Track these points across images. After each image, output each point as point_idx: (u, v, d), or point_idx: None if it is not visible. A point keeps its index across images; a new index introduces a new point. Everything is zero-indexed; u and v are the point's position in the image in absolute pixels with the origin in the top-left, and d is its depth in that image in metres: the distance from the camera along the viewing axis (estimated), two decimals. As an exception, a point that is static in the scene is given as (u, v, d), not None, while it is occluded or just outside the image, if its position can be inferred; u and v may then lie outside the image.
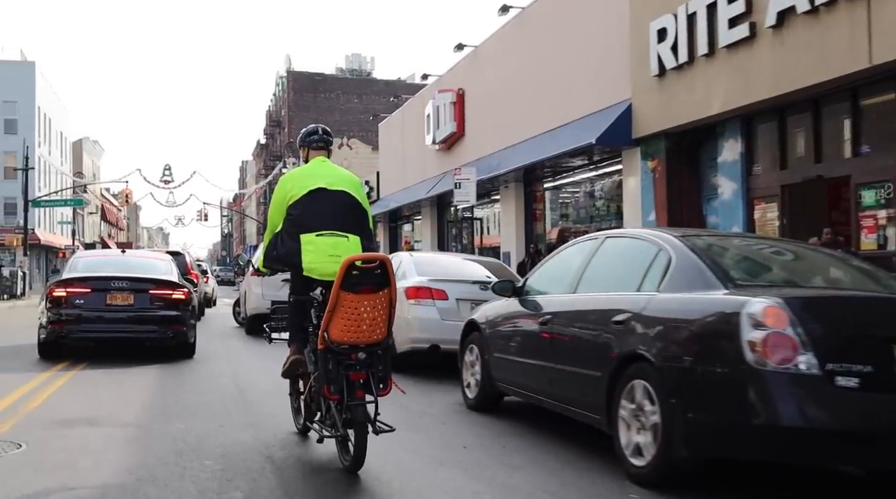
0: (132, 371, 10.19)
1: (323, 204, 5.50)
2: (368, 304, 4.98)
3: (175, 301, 11.20)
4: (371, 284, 4.99)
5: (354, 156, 58.96)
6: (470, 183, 16.52)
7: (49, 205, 46.16)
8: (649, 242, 5.33)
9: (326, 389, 5.07)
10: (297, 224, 5.49)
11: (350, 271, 4.91)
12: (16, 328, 17.83)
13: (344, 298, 4.91)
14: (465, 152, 24.72)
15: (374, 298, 5.01)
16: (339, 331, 4.96)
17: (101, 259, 13.35)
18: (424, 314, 9.59)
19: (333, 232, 5.46)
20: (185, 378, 9.64)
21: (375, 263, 5.00)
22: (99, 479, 4.95)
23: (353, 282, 4.92)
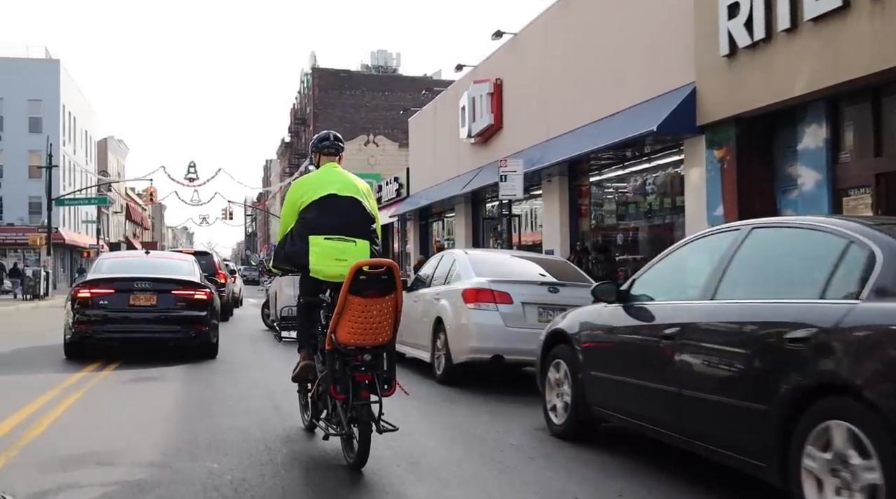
0: (155, 383, 9.36)
1: (333, 209, 5.70)
2: (375, 308, 5.14)
3: (197, 301, 11.29)
4: (378, 289, 5.15)
5: (381, 153, 57.96)
6: (517, 175, 15.33)
7: (73, 203, 45.52)
8: (830, 233, 4.06)
9: (333, 388, 5.24)
10: (308, 227, 5.69)
11: (358, 276, 5.07)
12: (29, 333, 16.91)
13: (351, 301, 5.08)
14: (502, 146, 23.51)
15: (381, 303, 5.17)
16: (346, 333, 5.14)
17: (126, 260, 13.57)
18: (486, 320, 8.46)
19: (342, 237, 5.65)
20: (214, 393, 8.74)
21: (383, 269, 5.17)
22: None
23: (360, 286, 5.08)
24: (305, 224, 5.71)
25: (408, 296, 11.01)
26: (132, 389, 8.98)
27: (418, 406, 7.78)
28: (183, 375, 10.06)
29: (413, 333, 10.31)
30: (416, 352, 10.27)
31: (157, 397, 8.42)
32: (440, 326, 9.09)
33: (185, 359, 11.29)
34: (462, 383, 9.00)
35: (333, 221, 5.69)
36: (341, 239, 5.65)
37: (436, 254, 30.97)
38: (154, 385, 9.27)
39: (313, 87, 71.47)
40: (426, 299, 9.95)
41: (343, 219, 5.72)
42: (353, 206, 5.80)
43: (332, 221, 5.69)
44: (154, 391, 8.79)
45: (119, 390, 8.91)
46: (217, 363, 11.33)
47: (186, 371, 10.36)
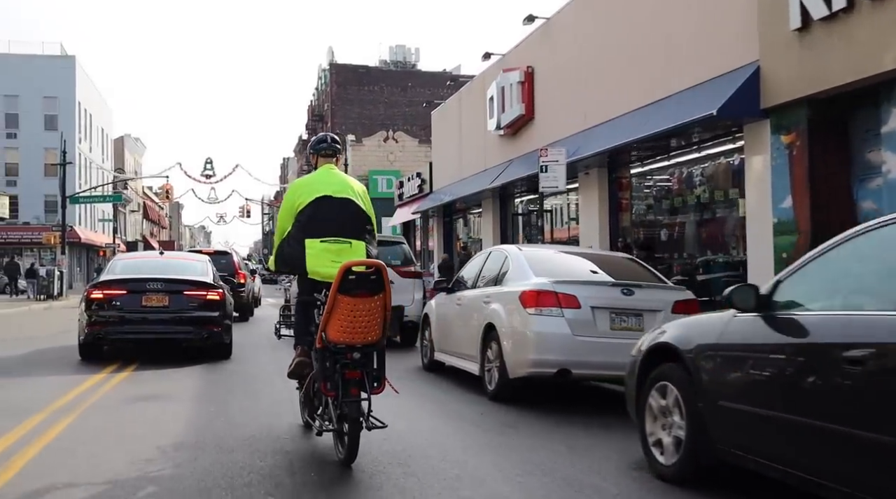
0: (168, 399, 8.37)
1: (328, 211, 5.79)
2: (364, 307, 5.23)
3: (210, 302, 11.29)
4: (367, 289, 5.24)
5: (400, 150, 56.81)
6: (559, 166, 14.10)
7: (87, 201, 44.68)
8: None
9: (323, 385, 5.37)
10: (304, 229, 5.78)
11: (347, 276, 5.17)
12: (31, 336, 15.90)
13: (341, 300, 5.19)
14: (534, 137, 22.27)
15: (370, 302, 5.26)
16: (336, 331, 5.25)
17: (139, 261, 13.66)
18: (550, 328, 7.27)
19: (337, 238, 5.74)
20: (234, 416, 7.60)
21: (371, 270, 5.28)
22: None
23: (349, 286, 5.18)
24: (302, 226, 5.81)
25: (448, 298, 9.79)
26: (136, 414, 7.92)
27: (472, 432, 6.67)
28: (197, 379, 9.72)
29: (455, 341, 9.16)
30: (459, 362, 9.10)
31: (163, 419, 7.43)
32: (492, 335, 7.90)
33: (198, 360, 11.22)
34: (519, 401, 7.82)
35: (329, 223, 5.79)
36: (337, 241, 5.75)
37: (461, 252, 30.43)
38: (161, 405, 8.30)
39: (331, 83, 70.51)
40: (472, 303, 8.79)
41: (338, 220, 5.81)
42: (349, 207, 5.88)
43: (328, 223, 5.79)
44: (161, 413, 7.84)
45: (120, 411, 7.93)
46: (233, 365, 11.19)
47: (200, 377, 10.00)
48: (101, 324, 11.06)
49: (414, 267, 13.82)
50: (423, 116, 71.11)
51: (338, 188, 5.91)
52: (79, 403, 7.96)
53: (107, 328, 11.07)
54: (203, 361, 11.21)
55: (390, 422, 5.82)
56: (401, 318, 13.37)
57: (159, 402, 8.18)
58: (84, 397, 8.35)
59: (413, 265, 13.83)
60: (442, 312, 9.80)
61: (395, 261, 13.75)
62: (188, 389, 8.95)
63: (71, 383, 9.37)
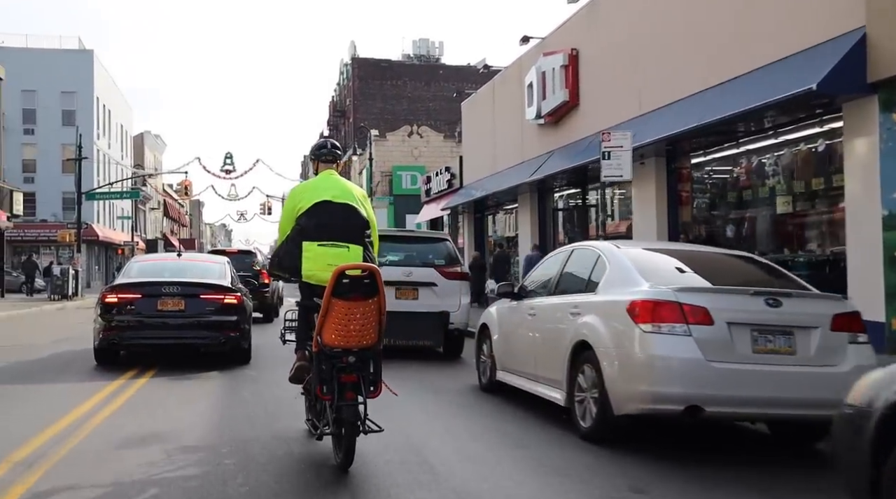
0: (184, 424, 7.39)
1: (327, 216, 5.86)
2: (358, 311, 5.27)
3: (227, 306, 11.00)
4: (360, 293, 5.28)
5: (425, 145, 55.18)
6: (623, 152, 12.37)
7: (104, 198, 43.43)
8: None
9: (319, 389, 5.44)
10: (302, 234, 5.86)
11: (341, 280, 5.23)
12: (22, 344, 14.46)
13: (335, 304, 5.25)
14: (579, 125, 20.55)
15: (364, 306, 5.30)
16: (331, 335, 5.29)
17: (156, 263, 13.42)
18: (674, 350, 5.54)
19: (335, 242, 5.81)
20: (242, 420, 7.44)
21: (365, 273, 5.33)
22: None
23: (343, 289, 5.23)
24: (300, 230, 5.85)
25: (515, 307, 8.13)
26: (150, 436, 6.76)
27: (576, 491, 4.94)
28: (213, 387, 9.55)
29: (526, 360, 7.50)
30: (532, 386, 7.41)
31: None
32: (585, 356, 6.18)
33: (217, 366, 10.99)
34: (627, 445, 6.09)
35: (327, 228, 5.81)
36: (335, 245, 5.78)
37: (495, 250, 28.69)
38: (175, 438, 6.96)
39: (353, 78, 69.08)
40: (552, 314, 7.08)
41: (337, 225, 5.84)
42: (348, 212, 5.92)
43: (327, 227, 5.81)
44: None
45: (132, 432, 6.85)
46: (251, 370, 10.95)
47: (216, 384, 9.78)
48: (116, 329, 10.79)
49: (460, 267, 12.12)
50: (448, 111, 69.73)
51: (338, 193, 5.96)
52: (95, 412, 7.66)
53: (122, 333, 10.80)
54: (221, 366, 10.94)
55: (455, 464, 5.51)
56: (445, 325, 11.71)
57: (165, 417, 7.74)
58: (99, 407, 7.97)
59: (459, 265, 12.14)
60: (508, 323, 8.12)
61: (437, 260, 12.10)
62: (201, 397, 8.77)
63: (85, 391, 8.99)
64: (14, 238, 52.61)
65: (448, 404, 8.24)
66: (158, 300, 10.91)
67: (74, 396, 8.64)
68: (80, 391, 8.97)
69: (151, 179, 78.76)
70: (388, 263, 11.94)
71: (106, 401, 8.31)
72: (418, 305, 11.65)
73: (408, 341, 11.71)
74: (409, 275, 11.66)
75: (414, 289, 11.65)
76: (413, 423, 7.28)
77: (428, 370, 10.94)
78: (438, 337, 11.84)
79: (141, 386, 9.36)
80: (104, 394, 8.71)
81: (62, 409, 7.75)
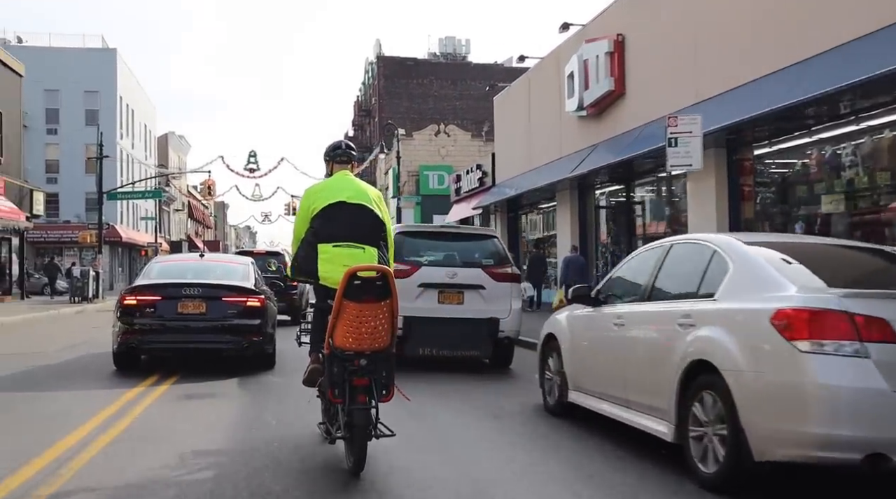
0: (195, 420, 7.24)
1: (342, 217, 5.80)
2: (370, 313, 5.17)
3: (250, 309, 10.60)
4: (373, 295, 5.18)
5: (452, 144, 53.94)
6: (692, 138, 11.00)
7: (126, 197, 42.57)
8: None
9: (331, 392, 5.33)
10: (317, 235, 5.80)
11: (352, 281, 5.14)
12: (22, 353, 13.40)
13: (346, 306, 5.16)
14: (625, 116, 19.19)
15: (376, 308, 5.19)
16: (343, 338, 5.21)
17: (177, 264, 13.04)
18: (846, 377, 4.14)
19: (350, 244, 5.75)
20: (257, 425, 7.26)
21: (377, 275, 5.23)
22: None
23: (355, 291, 5.14)
24: (315, 232, 5.81)
25: (591, 314, 6.81)
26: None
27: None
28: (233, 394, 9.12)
29: (610, 379, 6.16)
30: (621, 412, 5.99)
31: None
32: (706, 380, 4.74)
33: (240, 371, 10.60)
34: (763, 493, 4.74)
35: (342, 229, 5.76)
36: (350, 246, 5.73)
37: (531, 251, 27.25)
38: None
39: (378, 77, 68.02)
40: (651, 324, 5.71)
41: (352, 226, 5.78)
42: (363, 213, 5.86)
43: (341, 229, 5.76)
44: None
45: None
46: (275, 377, 10.55)
47: (238, 391, 9.36)
48: (134, 332, 10.39)
49: (510, 267, 10.75)
50: (476, 110, 68.54)
51: (352, 194, 5.90)
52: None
53: (140, 337, 10.41)
54: (244, 372, 10.58)
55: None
56: (494, 333, 10.34)
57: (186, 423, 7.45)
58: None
59: (509, 265, 10.77)
60: (584, 334, 6.73)
61: (485, 260, 10.73)
62: (221, 404, 8.46)
63: (102, 398, 8.57)
64: (37, 240, 52.03)
65: (509, 430, 6.90)
66: (179, 303, 10.49)
67: (92, 402, 8.26)
68: (95, 399, 8.51)
69: (176, 181, 78.18)
70: (430, 263, 10.68)
71: (122, 412, 7.81)
72: (464, 311, 10.32)
73: (452, 352, 10.40)
74: (453, 277, 10.35)
75: (459, 292, 10.31)
76: (468, 455, 6.06)
77: (476, 385, 9.62)
78: (487, 347, 10.47)
79: (161, 395, 8.88)
80: (121, 403, 8.25)
81: (78, 418, 7.31)
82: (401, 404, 7.60)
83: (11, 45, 50.34)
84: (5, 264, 32.57)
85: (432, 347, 10.25)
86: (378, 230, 5.93)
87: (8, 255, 32.85)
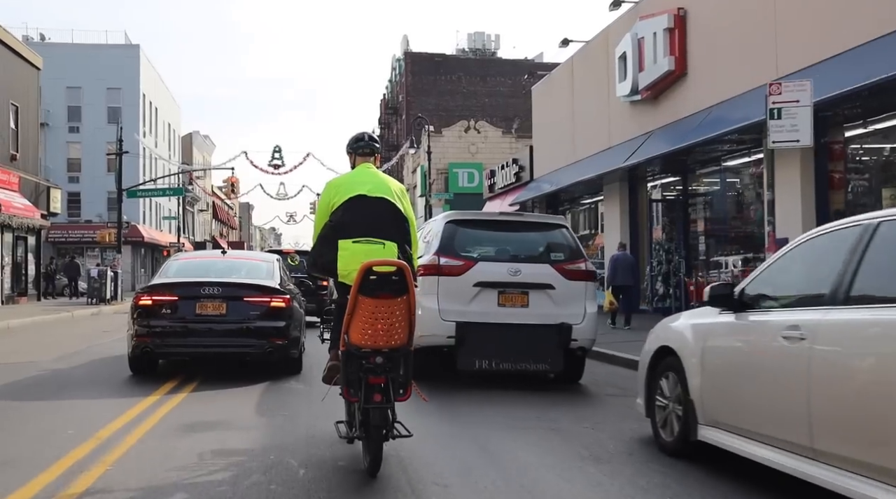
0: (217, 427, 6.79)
1: (362, 211, 5.59)
2: (386, 309, 5.04)
3: (274, 310, 9.92)
4: (389, 291, 5.04)
5: (483, 141, 52.27)
6: (800, 108, 9.13)
7: (146, 195, 41.13)
8: None
9: (346, 390, 5.24)
10: (336, 230, 5.60)
11: (368, 276, 5.01)
12: (18, 362, 11.88)
13: (362, 302, 5.03)
14: (686, 98, 17.37)
15: (392, 304, 5.05)
16: (358, 334, 5.07)
17: (197, 262, 12.35)
18: None
19: (370, 239, 5.52)
20: (277, 429, 6.76)
21: (394, 270, 5.06)
22: None
23: (371, 287, 5.02)
24: (334, 227, 5.63)
25: (737, 323, 5.01)
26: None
27: None
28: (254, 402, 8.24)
29: (781, 416, 4.23)
30: (799, 464, 3.93)
31: None
32: None
33: (265, 376, 9.92)
34: None
35: (362, 223, 5.55)
36: (369, 241, 5.51)
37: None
38: None
39: (406, 73, 66.48)
40: (863, 340, 3.81)
41: (372, 220, 5.57)
42: (384, 207, 5.66)
43: (361, 223, 5.55)
44: None
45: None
46: (300, 384, 9.66)
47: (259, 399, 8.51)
48: (149, 335, 9.70)
49: (584, 263, 8.84)
50: (506, 107, 66.76)
51: (373, 187, 5.69)
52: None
53: (155, 340, 9.71)
54: (271, 376, 9.91)
55: None
56: (566, 343, 8.47)
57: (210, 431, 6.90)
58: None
59: (582, 260, 8.86)
60: (728, 348, 4.92)
61: (554, 254, 8.87)
62: (241, 415, 7.63)
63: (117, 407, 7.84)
64: (58, 239, 50.98)
65: (627, 482, 5.04)
66: (197, 303, 9.77)
67: (107, 411, 7.60)
68: (107, 409, 7.78)
69: (200, 181, 77.11)
70: (488, 257, 8.89)
71: (137, 420, 7.20)
72: (529, 315, 8.48)
73: (515, 365, 8.54)
74: (516, 274, 8.53)
75: (523, 293, 8.48)
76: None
77: (548, 406, 7.75)
78: (557, 359, 8.57)
79: (178, 403, 8.15)
80: (134, 412, 7.58)
81: (93, 425, 6.74)
82: (470, 440, 6.17)
83: (34, 43, 49.35)
84: (21, 265, 31.22)
85: (491, 359, 8.44)
86: (400, 225, 5.69)
87: (24, 254, 31.51)
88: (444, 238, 8.71)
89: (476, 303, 8.48)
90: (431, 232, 9.38)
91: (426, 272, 8.35)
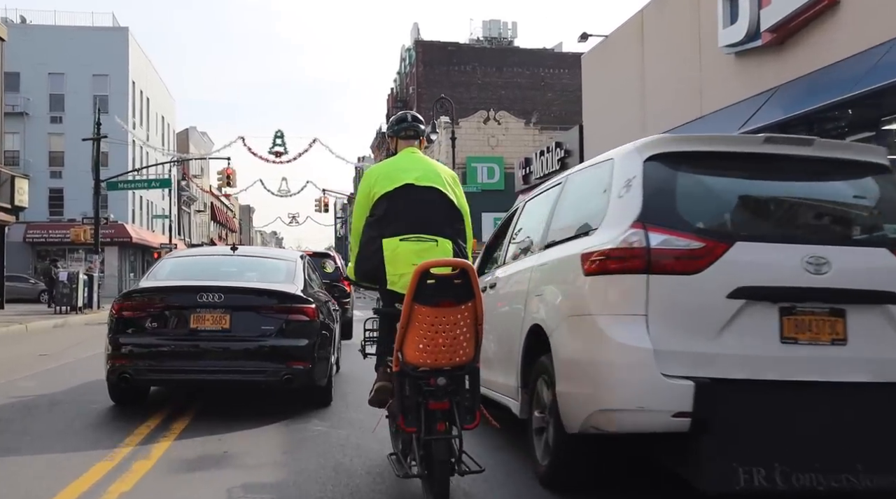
0: None
1: (409, 203, 4.86)
2: (448, 320, 4.22)
3: (294, 324, 7.87)
4: (451, 297, 4.24)
5: (503, 133, 48.04)
6: None
7: (129, 187, 36.68)
8: None
9: (402, 419, 4.42)
10: (380, 227, 4.85)
11: (424, 280, 4.21)
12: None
13: (418, 312, 4.21)
14: (831, 40, 12.91)
15: (455, 313, 4.23)
16: (415, 351, 4.26)
17: (198, 260, 9.99)
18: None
19: (420, 236, 4.80)
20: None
21: (455, 271, 4.28)
22: None
23: (429, 293, 4.20)
24: (376, 224, 4.85)
25: None
26: None
27: None
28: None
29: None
30: None
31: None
32: None
33: (284, 412, 7.79)
34: None
35: (410, 217, 4.77)
36: (420, 239, 4.75)
37: None
38: None
39: (416, 63, 62.34)
40: None
41: (421, 214, 4.79)
42: (435, 198, 4.88)
43: (409, 218, 4.77)
44: None
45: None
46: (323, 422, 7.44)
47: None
48: (128, 357, 7.65)
49: None
50: (523, 100, 62.53)
51: (421, 175, 4.89)
52: None
53: (136, 363, 7.63)
54: (290, 412, 7.75)
55: None
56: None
57: None
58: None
59: None
60: None
61: (891, 226, 4.21)
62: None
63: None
64: (37, 240, 46.66)
65: None
66: (193, 314, 7.76)
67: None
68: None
69: (197, 180, 72.76)
70: (753, 235, 4.02)
71: None
72: (853, 364, 3.66)
73: (828, 478, 3.57)
74: (819, 269, 3.79)
75: (835, 314, 3.73)
76: None
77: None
78: None
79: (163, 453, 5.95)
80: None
81: None
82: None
83: (13, 25, 44.95)
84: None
85: (775, 464, 3.71)
86: (454, 219, 4.89)
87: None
88: (652, 192, 4.14)
89: (734, 334, 3.76)
90: (605, 182, 4.73)
91: (617, 266, 3.82)
